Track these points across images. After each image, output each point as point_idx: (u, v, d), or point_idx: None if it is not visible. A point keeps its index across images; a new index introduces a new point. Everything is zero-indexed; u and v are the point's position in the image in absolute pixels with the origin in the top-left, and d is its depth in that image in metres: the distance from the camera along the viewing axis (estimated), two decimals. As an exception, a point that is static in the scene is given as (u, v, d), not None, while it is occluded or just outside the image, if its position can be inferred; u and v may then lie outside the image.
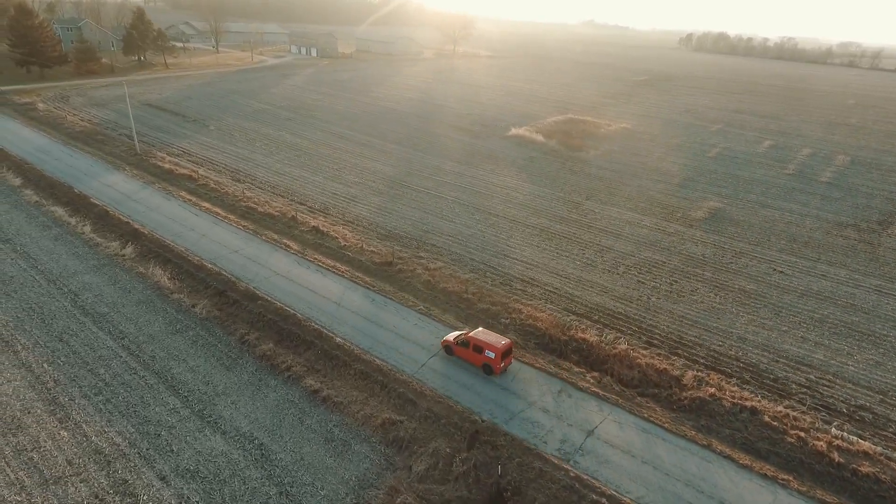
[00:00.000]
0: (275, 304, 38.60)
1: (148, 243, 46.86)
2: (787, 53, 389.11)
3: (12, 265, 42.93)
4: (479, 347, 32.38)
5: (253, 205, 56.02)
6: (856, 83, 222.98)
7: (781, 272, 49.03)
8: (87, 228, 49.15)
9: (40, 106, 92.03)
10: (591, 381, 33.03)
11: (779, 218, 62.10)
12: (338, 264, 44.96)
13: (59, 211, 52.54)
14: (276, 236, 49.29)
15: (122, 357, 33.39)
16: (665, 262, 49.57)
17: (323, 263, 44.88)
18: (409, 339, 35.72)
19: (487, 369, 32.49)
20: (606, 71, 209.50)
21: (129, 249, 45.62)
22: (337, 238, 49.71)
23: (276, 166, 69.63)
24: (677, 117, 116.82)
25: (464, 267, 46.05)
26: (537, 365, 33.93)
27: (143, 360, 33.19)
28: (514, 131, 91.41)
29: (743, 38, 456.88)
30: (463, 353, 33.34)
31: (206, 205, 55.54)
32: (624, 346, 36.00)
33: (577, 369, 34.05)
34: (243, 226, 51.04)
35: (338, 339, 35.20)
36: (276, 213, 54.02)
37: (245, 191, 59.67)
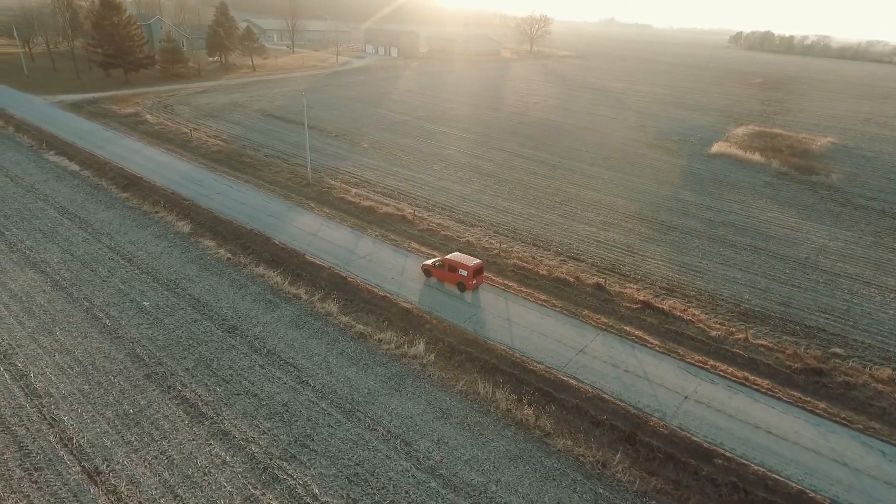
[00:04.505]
0: (748, 466, 23.58)
1: (438, 334, 32.05)
2: (848, 53, 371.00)
3: (264, 375, 28.06)
4: (453, 267, 35.28)
5: (521, 262, 41.05)
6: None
7: None
8: (334, 308, 34.20)
9: (148, 118, 77.56)
10: None
11: None
12: (747, 374, 29.84)
13: (273, 277, 37.61)
14: (604, 319, 34.32)
15: None
16: None
17: (723, 372, 29.88)
18: None
19: (461, 286, 35.39)
20: (709, 73, 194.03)
21: (420, 347, 30.75)
22: (690, 321, 34.68)
23: (484, 199, 54.68)
24: (867, 129, 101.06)
25: (918, 374, 30.90)
26: None
27: None
28: (716, 148, 76.07)
29: (785, 37, 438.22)
30: (440, 274, 36.27)
31: (458, 263, 40.66)
32: None
33: None
34: (541, 300, 36.00)
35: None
36: (570, 279, 38.93)
37: (493, 241, 44.75)
